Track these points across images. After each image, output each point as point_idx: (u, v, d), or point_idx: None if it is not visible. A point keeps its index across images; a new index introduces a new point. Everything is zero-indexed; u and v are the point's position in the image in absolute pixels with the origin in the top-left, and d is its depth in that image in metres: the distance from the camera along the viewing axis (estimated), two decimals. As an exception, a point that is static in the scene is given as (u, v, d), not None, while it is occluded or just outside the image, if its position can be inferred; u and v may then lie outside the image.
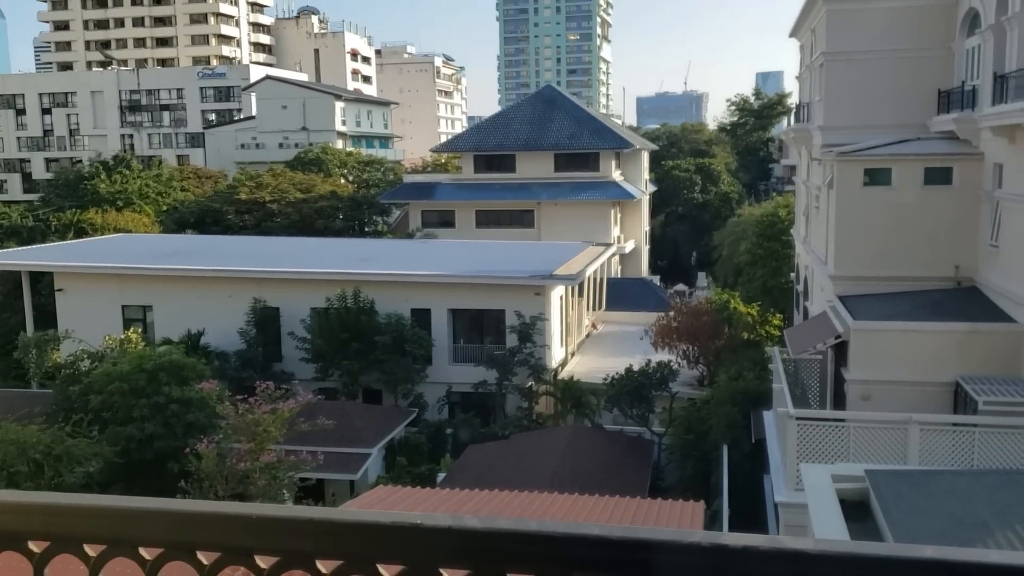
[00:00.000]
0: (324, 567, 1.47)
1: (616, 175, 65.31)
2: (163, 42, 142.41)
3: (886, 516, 9.68)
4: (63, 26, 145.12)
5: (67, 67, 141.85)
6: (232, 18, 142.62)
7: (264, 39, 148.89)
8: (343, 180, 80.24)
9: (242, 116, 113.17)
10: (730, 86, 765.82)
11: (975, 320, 19.22)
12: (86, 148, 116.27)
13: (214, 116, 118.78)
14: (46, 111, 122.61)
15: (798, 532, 15.77)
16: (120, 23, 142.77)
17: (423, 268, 38.83)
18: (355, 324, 35.44)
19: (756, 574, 1.33)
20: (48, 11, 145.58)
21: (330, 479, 28.90)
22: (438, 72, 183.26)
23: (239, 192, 68.15)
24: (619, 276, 60.69)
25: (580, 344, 42.68)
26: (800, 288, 33.15)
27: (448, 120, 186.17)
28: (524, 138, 65.58)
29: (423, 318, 37.10)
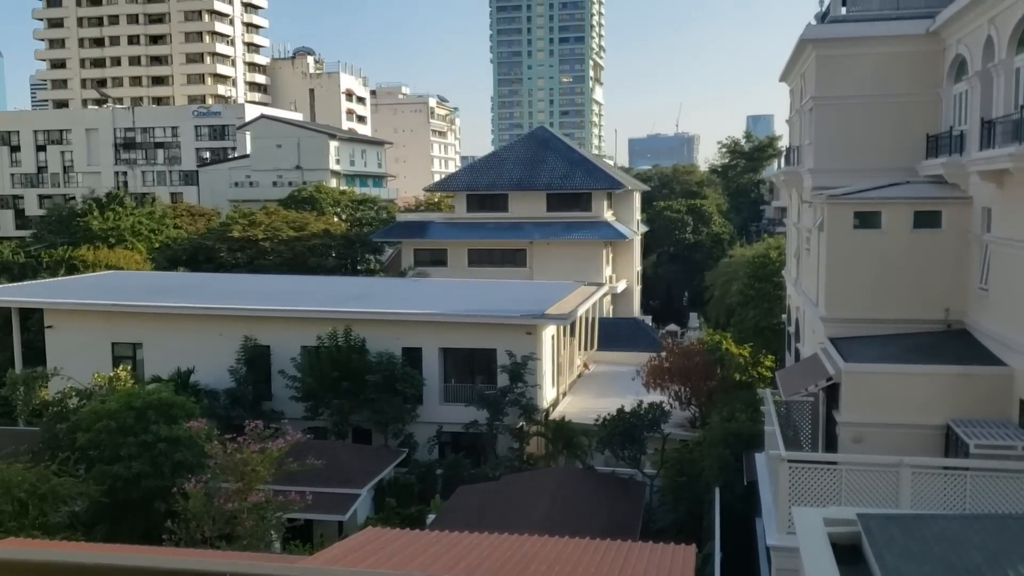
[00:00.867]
0: None
1: (608, 215, 65.67)
2: (159, 80, 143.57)
3: (878, 561, 9.60)
4: (60, 64, 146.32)
5: (63, 104, 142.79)
6: (228, 58, 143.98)
7: (260, 79, 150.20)
8: (336, 218, 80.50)
9: (236, 154, 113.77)
10: (721, 128, 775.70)
11: (966, 363, 19.23)
12: (80, 185, 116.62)
13: (208, 154, 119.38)
14: (40, 148, 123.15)
15: (790, 576, 15.63)
16: (117, 62, 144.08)
17: (415, 307, 38.81)
18: (346, 363, 35.32)
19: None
20: (45, 49, 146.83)
21: (319, 520, 28.60)
22: (432, 112, 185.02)
23: (232, 230, 68.26)
24: (611, 316, 60.72)
25: (572, 384, 42.58)
26: (791, 329, 33.19)
27: (442, 160, 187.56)
28: (517, 178, 66.02)
29: (414, 357, 37.01)
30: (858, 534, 10.43)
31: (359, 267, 70.46)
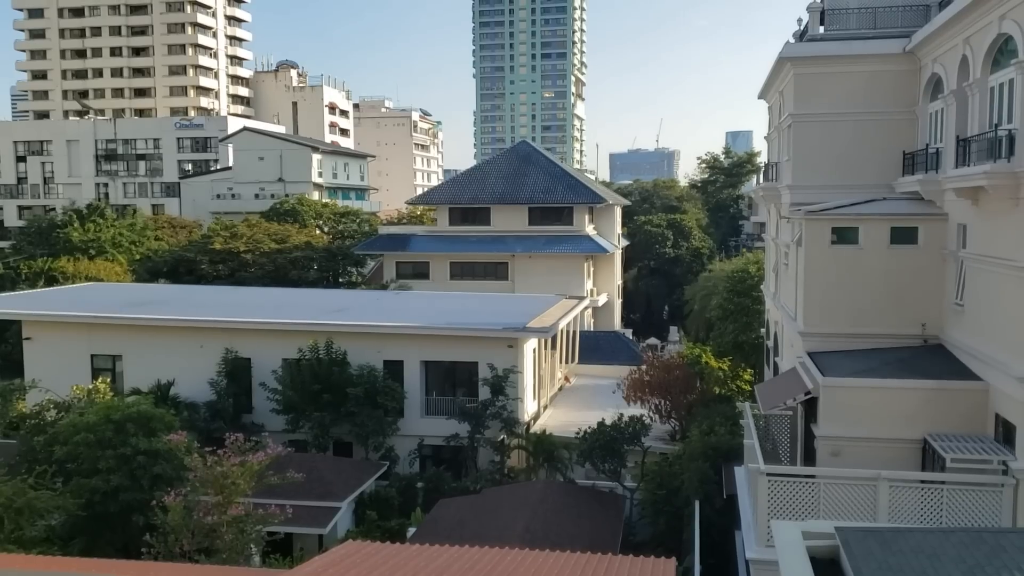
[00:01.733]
0: None
1: (589, 229, 65.92)
2: (141, 92, 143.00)
3: (856, 574, 9.70)
4: (41, 75, 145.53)
5: (44, 115, 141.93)
6: (211, 70, 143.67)
7: (243, 91, 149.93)
8: (318, 231, 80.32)
9: (219, 167, 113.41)
10: (701, 144, 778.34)
11: (942, 378, 19.46)
12: (60, 196, 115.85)
13: (191, 166, 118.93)
14: (21, 159, 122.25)
15: (769, 589, 15.72)
16: (99, 73, 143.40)
17: (396, 319, 38.75)
18: (327, 375, 35.22)
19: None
20: (27, 60, 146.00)
21: (299, 533, 28.47)
22: (415, 126, 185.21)
23: (213, 242, 67.95)
24: (592, 329, 60.86)
25: (553, 397, 42.61)
26: (770, 343, 33.42)
27: (424, 173, 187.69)
28: (499, 192, 66.20)
29: (395, 370, 36.93)
30: (836, 547, 10.54)
31: (341, 280, 70.27)
